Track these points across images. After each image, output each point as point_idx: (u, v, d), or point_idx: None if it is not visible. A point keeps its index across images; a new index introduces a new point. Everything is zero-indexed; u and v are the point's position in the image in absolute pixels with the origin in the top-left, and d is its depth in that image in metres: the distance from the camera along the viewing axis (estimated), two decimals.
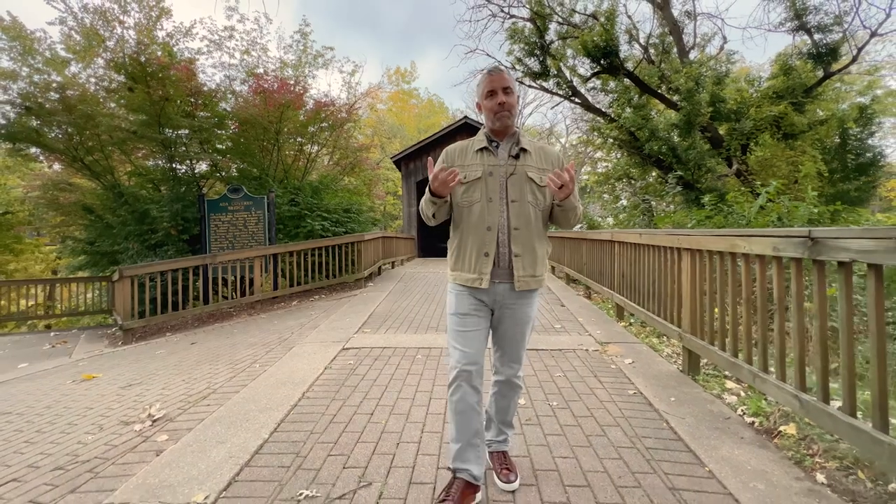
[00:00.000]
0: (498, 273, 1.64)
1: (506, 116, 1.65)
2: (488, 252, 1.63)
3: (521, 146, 1.67)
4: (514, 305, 1.67)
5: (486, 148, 1.69)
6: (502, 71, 1.67)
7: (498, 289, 1.65)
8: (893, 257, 1.44)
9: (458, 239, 1.72)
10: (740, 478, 1.77)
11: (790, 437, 2.07)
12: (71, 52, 14.11)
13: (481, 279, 1.62)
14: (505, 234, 1.63)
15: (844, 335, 1.68)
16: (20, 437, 2.59)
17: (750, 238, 2.26)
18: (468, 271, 1.66)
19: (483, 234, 1.63)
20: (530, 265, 1.64)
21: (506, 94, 1.64)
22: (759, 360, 2.22)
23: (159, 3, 17.44)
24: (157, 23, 17.43)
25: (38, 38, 14.60)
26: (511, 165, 1.66)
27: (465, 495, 1.57)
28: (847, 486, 1.70)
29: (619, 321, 4.66)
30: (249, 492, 1.75)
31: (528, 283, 1.64)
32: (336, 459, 1.99)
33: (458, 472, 1.62)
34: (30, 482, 2.00)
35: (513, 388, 1.79)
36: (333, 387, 2.91)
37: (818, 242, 1.77)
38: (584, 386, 2.85)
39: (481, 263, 1.63)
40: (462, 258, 1.69)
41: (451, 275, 1.75)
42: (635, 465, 1.91)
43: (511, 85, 1.66)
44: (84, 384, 3.71)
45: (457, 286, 1.72)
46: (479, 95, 1.70)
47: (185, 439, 2.24)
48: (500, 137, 1.71)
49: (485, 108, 1.69)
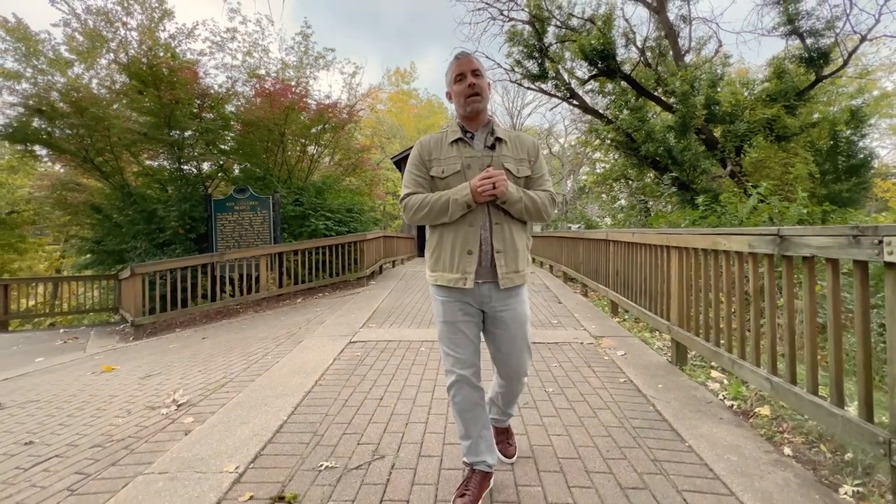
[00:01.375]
0: (481, 272, 1.57)
1: (476, 100, 1.57)
2: (472, 250, 1.55)
3: (496, 136, 1.61)
4: (503, 308, 1.61)
5: (461, 139, 1.61)
6: (469, 54, 1.61)
7: (483, 289, 1.58)
8: (845, 252, 1.64)
9: (437, 237, 1.63)
10: (715, 451, 1.97)
11: (764, 417, 2.27)
12: (74, 52, 14.29)
13: (465, 279, 1.54)
14: (487, 231, 1.56)
15: (807, 324, 1.88)
16: (53, 421, 2.78)
17: (730, 236, 2.46)
18: (450, 271, 1.57)
19: (465, 230, 1.55)
20: (512, 261, 1.58)
21: (475, 77, 1.57)
22: (737, 349, 2.42)
23: (162, 5, 17.61)
24: (159, 24, 17.61)
25: (42, 40, 14.79)
26: (487, 157, 1.59)
27: (482, 486, 1.62)
28: (810, 457, 1.91)
29: (613, 317, 4.86)
30: (274, 463, 1.95)
31: (513, 279, 1.58)
32: (350, 437, 2.19)
33: (475, 465, 1.64)
34: (72, 458, 2.19)
35: (519, 383, 1.77)
36: (344, 375, 3.10)
37: (786, 240, 1.97)
38: (579, 375, 3.05)
39: (465, 262, 1.55)
40: (442, 258, 1.60)
41: (431, 276, 1.64)
42: (622, 441, 2.11)
43: (479, 68, 1.59)
44: (104, 375, 3.90)
45: (440, 290, 1.62)
46: (448, 82, 1.64)
47: (210, 421, 2.44)
48: (474, 127, 1.63)
49: (455, 94, 1.61)
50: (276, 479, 1.82)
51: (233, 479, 1.82)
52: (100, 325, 9.23)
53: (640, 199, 14.89)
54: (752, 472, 1.80)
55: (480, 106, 1.58)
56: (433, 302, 1.69)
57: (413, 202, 1.60)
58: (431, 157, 1.62)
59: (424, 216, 1.57)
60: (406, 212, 1.62)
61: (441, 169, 1.59)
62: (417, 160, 1.65)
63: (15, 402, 3.31)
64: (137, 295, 6.03)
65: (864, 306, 1.61)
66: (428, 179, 1.63)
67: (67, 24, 14.72)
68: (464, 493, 1.58)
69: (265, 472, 1.89)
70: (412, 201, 1.60)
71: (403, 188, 1.67)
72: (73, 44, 14.65)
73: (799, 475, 1.77)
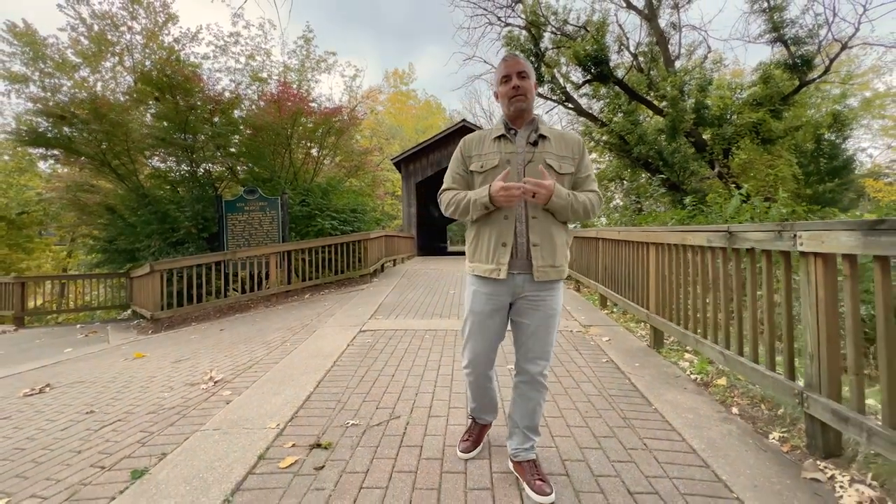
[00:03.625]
0: (516, 264, 1.62)
1: (520, 100, 1.62)
2: (506, 242, 1.61)
3: (539, 133, 1.65)
4: (535, 298, 1.64)
5: (503, 136, 1.67)
6: (517, 56, 1.67)
7: (517, 280, 1.63)
8: (773, 244, 2.03)
9: (475, 230, 1.70)
10: (676, 412, 2.37)
11: (720, 386, 2.67)
12: (80, 56, 14.64)
13: (499, 269, 1.60)
14: (523, 224, 1.61)
15: (750, 305, 2.28)
16: (105, 396, 3.16)
17: (694, 233, 2.86)
18: (486, 262, 1.64)
19: (500, 223, 1.62)
20: (549, 255, 1.61)
21: (520, 79, 1.62)
22: (701, 329, 2.82)
23: (166, 9, 17.98)
24: (163, 28, 17.98)
25: (50, 44, 15.13)
26: (529, 153, 1.63)
27: (482, 433, 2.00)
28: (752, 414, 2.31)
29: (602, 309, 5.26)
30: (308, 422, 2.33)
31: (548, 273, 1.61)
32: (369, 403, 2.58)
33: (477, 419, 2.00)
34: (132, 421, 2.57)
35: (537, 388, 1.70)
36: (358, 358, 3.49)
37: (734, 235, 2.37)
38: (567, 357, 3.44)
39: (499, 254, 1.61)
40: (480, 249, 1.67)
41: (469, 266, 1.72)
42: (600, 405, 2.50)
43: (526, 69, 1.64)
44: (137, 361, 4.27)
45: (475, 279, 1.70)
46: (496, 83, 1.70)
47: (246, 393, 2.82)
48: (518, 125, 1.68)
49: (501, 95, 1.67)
50: (311, 433, 2.21)
51: (276, 433, 2.20)
52: (110, 321, 9.59)
53: (634, 199, 15.32)
54: (703, 426, 2.19)
55: (524, 106, 1.63)
56: (466, 290, 1.77)
57: (445, 198, 1.73)
58: (472, 154, 1.71)
59: (453, 212, 1.69)
60: (441, 206, 1.75)
61: (480, 164, 1.67)
62: (458, 157, 1.75)
63: (62, 383, 3.69)
64: (156, 291, 6.40)
65: (787, 288, 2.01)
66: (465, 176, 1.74)
67: (74, 28, 15.07)
68: (467, 439, 1.97)
69: (301, 427, 2.27)
70: (445, 197, 1.73)
71: (444, 183, 1.79)
72: (79, 47, 15.01)
73: (740, 427, 2.17)
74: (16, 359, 5.23)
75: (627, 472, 1.81)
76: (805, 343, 1.88)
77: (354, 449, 2.04)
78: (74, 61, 14.68)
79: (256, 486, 1.75)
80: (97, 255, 10.12)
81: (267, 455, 1.99)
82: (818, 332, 1.80)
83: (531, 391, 1.70)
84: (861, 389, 1.63)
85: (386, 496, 1.67)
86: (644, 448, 2.00)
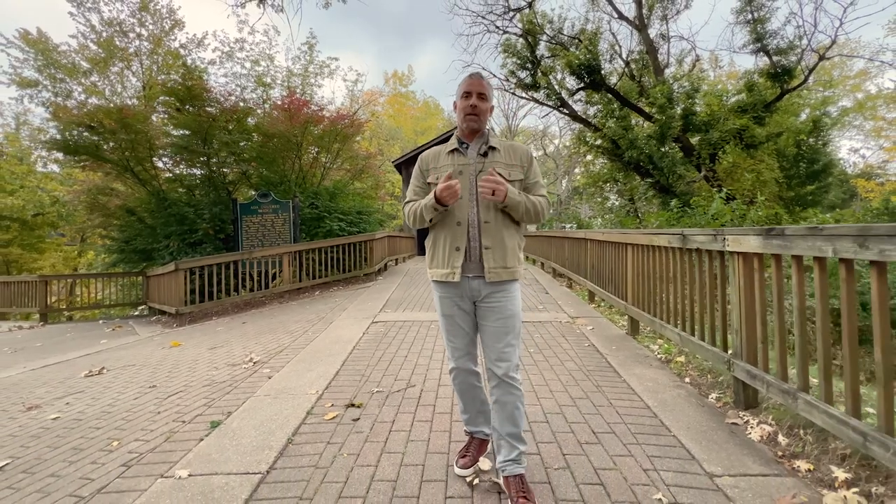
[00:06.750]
0: (470, 267, 1.71)
1: (474, 120, 1.72)
2: (459, 246, 1.70)
3: (489, 144, 1.75)
4: (492, 300, 1.71)
5: (456, 149, 1.78)
6: (482, 77, 1.75)
7: (472, 283, 1.71)
8: (711, 245, 2.58)
9: (432, 237, 1.81)
10: (640, 381, 2.91)
11: (679, 363, 3.22)
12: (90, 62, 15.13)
13: (453, 273, 1.70)
14: (475, 229, 1.71)
15: (699, 295, 2.82)
16: (160, 375, 3.69)
17: (659, 235, 3.41)
18: (441, 266, 1.74)
19: (454, 229, 1.71)
20: (500, 257, 1.69)
21: (479, 99, 1.71)
22: (665, 316, 3.36)
23: (172, 15, 18.45)
24: (170, 33, 18.47)
25: (63, 52, 15.62)
26: (480, 163, 1.73)
27: (480, 450, 1.93)
28: (699, 381, 2.86)
29: (590, 303, 5.81)
30: (340, 390, 2.87)
31: (500, 274, 1.69)
32: (388, 377, 3.11)
33: (474, 434, 1.94)
34: (192, 392, 3.10)
35: (508, 390, 1.69)
36: (374, 343, 4.03)
37: (686, 238, 2.91)
38: (555, 342, 3.99)
39: (453, 258, 1.70)
40: (436, 255, 1.77)
41: (429, 273, 1.82)
42: (579, 377, 3.05)
43: (487, 92, 1.73)
44: (174, 349, 4.80)
45: (435, 284, 1.81)
46: (457, 95, 1.78)
47: (283, 371, 3.36)
48: (470, 139, 1.78)
49: (459, 108, 1.75)
50: (344, 397, 2.75)
51: (316, 397, 2.74)
52: (126, 317, 10.11)
53: (627, 200, 15.90)
54: (659, 391, 2.74)
55: (476, 126, 1.74)
56: (433, 296, 1.88)
57: (408, 210, 1.84)
58: (429, 167, 1.83)
59: (414, 221, 1.80)
60: (405, 218, 1.87)
61: (437, 176, 1.76)
62: (417, 172, 1.87)
63: (114, 367, 4.22)
64: (179, 288, 6.92)
65: (722, 281, 2.56)
66: (425, 188, 1.84)
67: (85, 36, 15.57)
68: (465, 455, 1.90)
69: (335, 393, 2.81)
70: (407, 209, 1.84)
71: (406, 197, 1.89)
72: (89, 53, 15.52)
73: (689, 392, 2.72)
74: (57, 349, 5.75)
75: (594, 420, 2.35)
76: (731, 321, 2.43)
77: (381, 407, 2.58)
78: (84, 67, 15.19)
79: (310, 431, 2.29)
80: (114, 256, 10.63)
81: (313, 411, 2.53)
82: (741, 312, 2.35)
83: (504, 395, 1.70)
84: (766, 354, 2.18)
85: (409, 437, 2.21)
86: (609, 406, 2.55)
